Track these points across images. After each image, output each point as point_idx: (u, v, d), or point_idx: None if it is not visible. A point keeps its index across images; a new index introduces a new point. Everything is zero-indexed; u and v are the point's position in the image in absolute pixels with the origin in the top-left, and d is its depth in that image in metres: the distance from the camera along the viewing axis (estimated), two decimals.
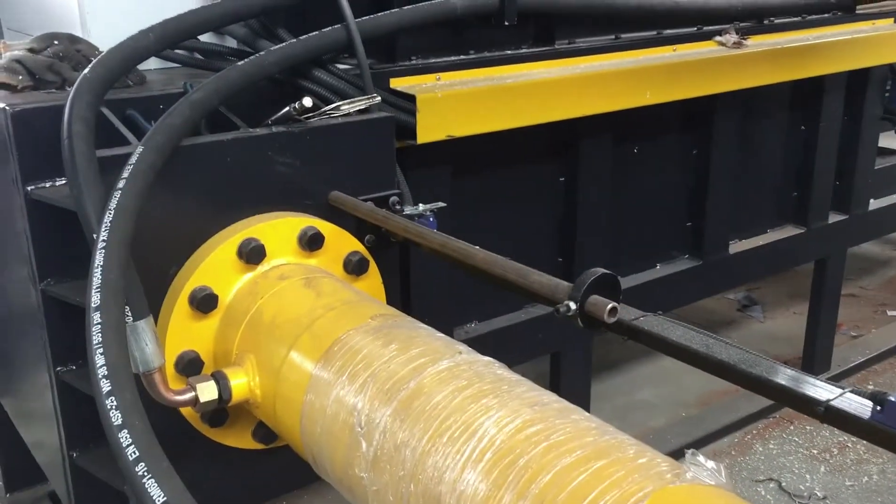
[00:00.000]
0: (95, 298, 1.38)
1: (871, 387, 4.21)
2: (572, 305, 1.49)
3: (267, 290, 1.80)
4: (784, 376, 1.24)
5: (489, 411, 1.29)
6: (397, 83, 2.35)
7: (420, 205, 1.97)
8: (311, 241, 1.89)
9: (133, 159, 1.62)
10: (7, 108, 1.84)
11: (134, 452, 1.16)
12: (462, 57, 2.53)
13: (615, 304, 1.47)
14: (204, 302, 1.78)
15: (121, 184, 1.57)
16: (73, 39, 2.04)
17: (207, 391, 1.65)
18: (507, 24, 2.39)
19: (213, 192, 1.85)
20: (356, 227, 2.01)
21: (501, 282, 1.67)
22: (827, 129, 3.65)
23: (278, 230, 1.88)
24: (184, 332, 1.79)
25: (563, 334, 2.94)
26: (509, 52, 2.63)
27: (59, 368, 1.99)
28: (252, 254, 1.82)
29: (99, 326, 1.34)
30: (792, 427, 3.85)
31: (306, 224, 1.91)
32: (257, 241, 1.83)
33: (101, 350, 1.30)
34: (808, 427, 3.85)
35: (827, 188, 3.77)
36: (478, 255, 1.72)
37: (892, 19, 3.68)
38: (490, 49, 2.61)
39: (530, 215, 2.87)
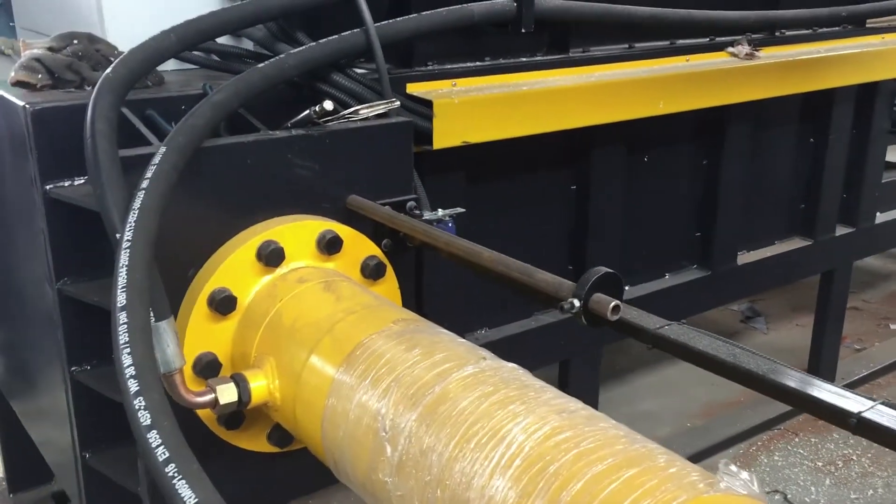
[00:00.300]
0: (121, 298, 1.37)
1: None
2: (576, 303, 1.52)
3: (286, 292, 1.79)
4: (815, 387, 1.24)
5: (517, 417, 1.29)
6: (413, 88, 2.35)
7: (440, 210, 1.97)
8: (330, 245, 1.88)
9: (156, 159, 1.61)
10: (27, 106, 1.84)
11: (164, 453, 1.15)
12: (478, 63, 2.53)
13: (618, 301, 1.50)
14: (223, 304, 1.77)
15: (144, 183, 1.56)
16: (92, 39, 2.03)
17: (227, 393, 1.64)
18: (523, 31, 2.38)
19: (233, 194, 1.84)
20: (373, 231, 2.01)
21: (508, 281, 1.70)
22: (836, 141, 3.65)
23: (297, 233, 1.87)
24: (202, 333, 1.79)
25: (572, 342, 2.94)
26: (524, 59, 2.63)
27: (73, 368, 1.99)
28: (271, 256, 1.81)
29: (125, 326, 1.33)
30: (797, 439, 3.85)
31: (325, 227, 1.90)
32: (277, 243, 1.82)
33: (127, 350, 1.29)
34: (812, 439, 3.85)
35: (834, 201, 3.77)
36: (483, 254, 1.75)
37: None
38: (505, 56, 2.61)
39: (542, 222, 2.87)
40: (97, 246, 1.95)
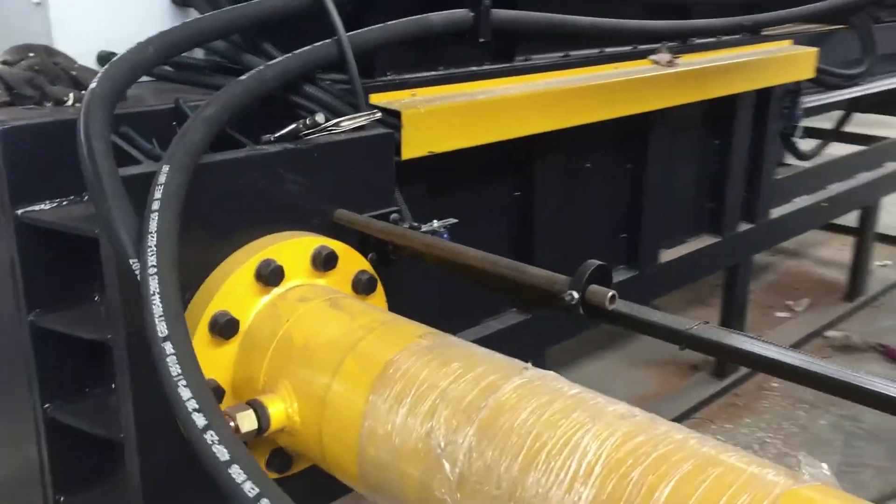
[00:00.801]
0: (162, 328, 1.29)
1: (775, 384, 4.50)
2: (575, 295, 1.56)
3: (290, 312, 1.73)
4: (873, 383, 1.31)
5: (584, 426, 1.30)
6: (375, 99, 2.32)
7: (435, 221, 1.96)
8: (326, 261, 1.84)
9: (161, 179, 1.53)
10: None
11: (253, 489, 1.09)
12: (434, 73, 2.54)
13: (614, 292, 1.59)
14: (226, 327, 1.70)
15: (156, 205, 1.48)
16: (49, 52, 1.90)
17: (247, 421, 1.58)
18: (481, 40, 2.40)
19: (227, 212, 1.77)
20: (359, 245, 1.97)
21: (500, 281, 1.77)
22: (739, 143, 3.87)
23: (293, 250, 1.82)
24: (204, 360, 1.68)
25: (521, 345, 2.98)
26: (474, 68, 2.65)
27: (46, 405, 1.85)
28: (272, 276, 1.75)
29: (174, 357, 1.25)
30: (713, 426, 4.05)
31: (319, 244, 1.85)
32: (275, 262, 1.76)
33: (183, 382, 1.22)
34: (727, 426, 4.06)
35: (738, 199, 4.00)
36: (487, 259, 1.82)
37: (791, 41, 3.95)
38: (456, 65, 2.62)
39: (490, 229, 2.90)
40: (68, 273, 1.84)
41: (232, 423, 1.57)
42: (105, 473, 1.99)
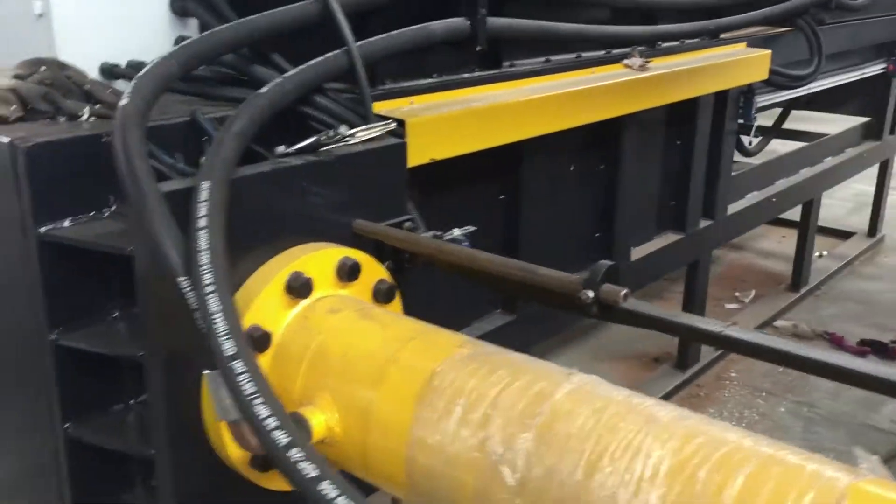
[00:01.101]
0: (229, 346, 1.30)
1: (733, 374, 4.66)
2: (591, 294, 1.63)
3: (321, 324, 1.75)
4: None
5: (642, 429, 1.35)
6: (376, 108, 2.34)
7: (455, 230, 1.99)
8: (351, 272, 1.85)
9: (203, 196, 1.53)
10: (17, 142, 1.66)
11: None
12: (429, 81, 2.56)
13: (627, 290, 1.66)
14: (260, 342, 1.70)
15: (203, 222, 1.48)
16: (61, 66, 1.86)
17: None
18: (478, 48, 2.44)
19: (253, 226, 1.77)
20: (375, 254, 1.99)
21: (515, 283, 1.85)
22: (700, 142, 4.00)
23: (319, 262, 1.83)
24: None
25: (507, 344, 3.02)
26: (465, 75, 2.68)
27: (67, 425, 1.82)
28: (302, 288, 1.76)
29: (247, 375, 1.26)
30: None
31: (343, 255, 1.87)
32: (304, 274, 1.77)
33: (260, 400, 1.23)
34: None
35: (699, 197, 4.12)
36: (488, 260, 1.90)
37: (745, 43, 4.10)
38: (448, 72, 2.65)
39: (478, 232, 2.94)
40: (88, 290, 1.82)
41: None
42: (121, 492, 1.97)
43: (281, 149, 1.92)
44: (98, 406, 1.87)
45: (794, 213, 5.82)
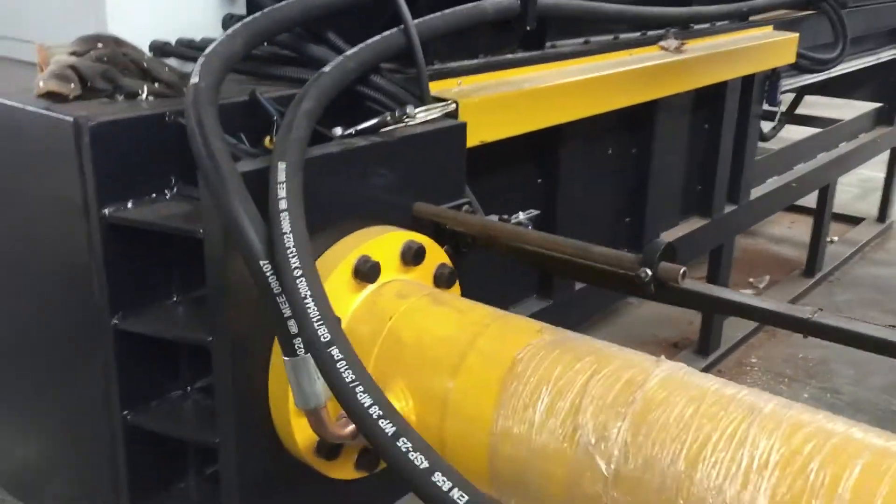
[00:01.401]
0: (323, 332, 1.25)
1: (754, 360, 4.64)
2: (648, 272, 1.60)
3: (391, 309, 1.70)
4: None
5: (746, 418, 1.32)
6: None
7: (520, 213, 1.95)
8: (416, 256, 1.81)
9: (281, 177, 1.48)
10: (82, 120, 1.61)
11: (462, 496, 1.07)
12: (475, 61, 2.51)
13: (684, 268, 1.63)
14: None
15: (283, 204, 1.43)
16: (118, 42, 1.80)
17: None
18: (528, 28, 2.39)
19: (320, 209, 1.72)
20: (433, 237, 1.95)
21: (569, 263, 1.84)
22: (728, 126, 3.96)
23: (384, 245, 1.78)
24: None
25: None
26: (510, 56, 2.63)
27: (126, 412, 1.78)
28: (370, 272, 1.72)
29: (344, 363, 1.21)
30: None
31: (407, 238, 1.82)
32: (371, 258, 1.73)
33: (360, 388, 1.18)
34: None
35: (724, 182, 4.09)
36: (567, 245, 1.88)
37: (771, 26, 4.05)
38: (492, 53, 2.60)
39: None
40: (148, 273, 1.77)
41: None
42: (175, 480, 1.93)
43: (338, 130, 1.87)
44: (156, 392, 1.83)
45: (804, 200, 5.80)
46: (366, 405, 1.17)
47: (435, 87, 2.31)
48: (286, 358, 1.43)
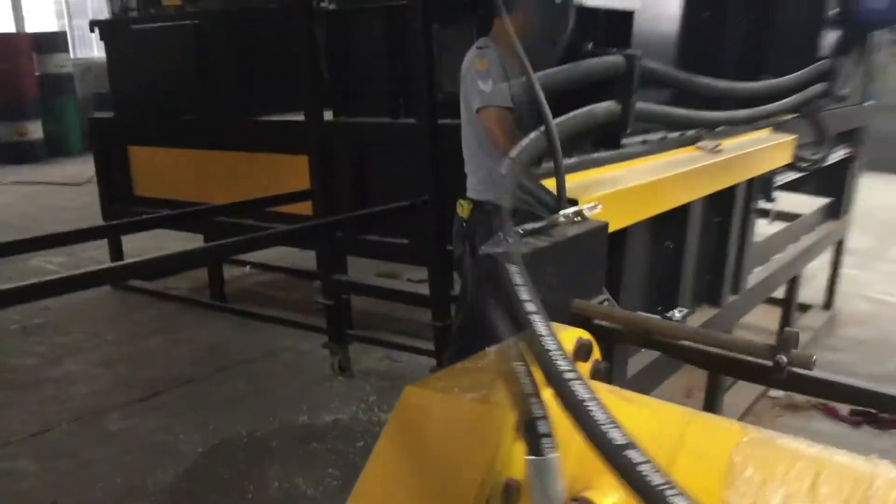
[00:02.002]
0: (616, 436, 1.28)
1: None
2: (784, 358, 1.69)
3: None
4: None
5: None
6: None
7: (676, 311, 2.02)
8: (588, 352, 1.86)
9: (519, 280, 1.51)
10: None
11: None
12: (571, 160, 2.61)
13: (815, 356, 1.70)
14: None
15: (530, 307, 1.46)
16: None
17: None
18: (628, 131, 2.51)
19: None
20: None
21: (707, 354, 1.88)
22: (736, 220, 4.17)
23: (563, 342, 1.82)
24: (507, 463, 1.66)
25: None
26: (595, 154, 2.75)
27: None
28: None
29: (648, 466, 1.24)
30: None
31: (578, 335, 1.87)
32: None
33: (670, 491, 1.20)
34: None
35: (731, 272, 4.29)
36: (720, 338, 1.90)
37: (770, 129, 4.33)
38: (579, 153, 2.71)
39: None
40: None
41: None
42: None
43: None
44: None
45: None
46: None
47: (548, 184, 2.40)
48: (529, 457, 1.44)
